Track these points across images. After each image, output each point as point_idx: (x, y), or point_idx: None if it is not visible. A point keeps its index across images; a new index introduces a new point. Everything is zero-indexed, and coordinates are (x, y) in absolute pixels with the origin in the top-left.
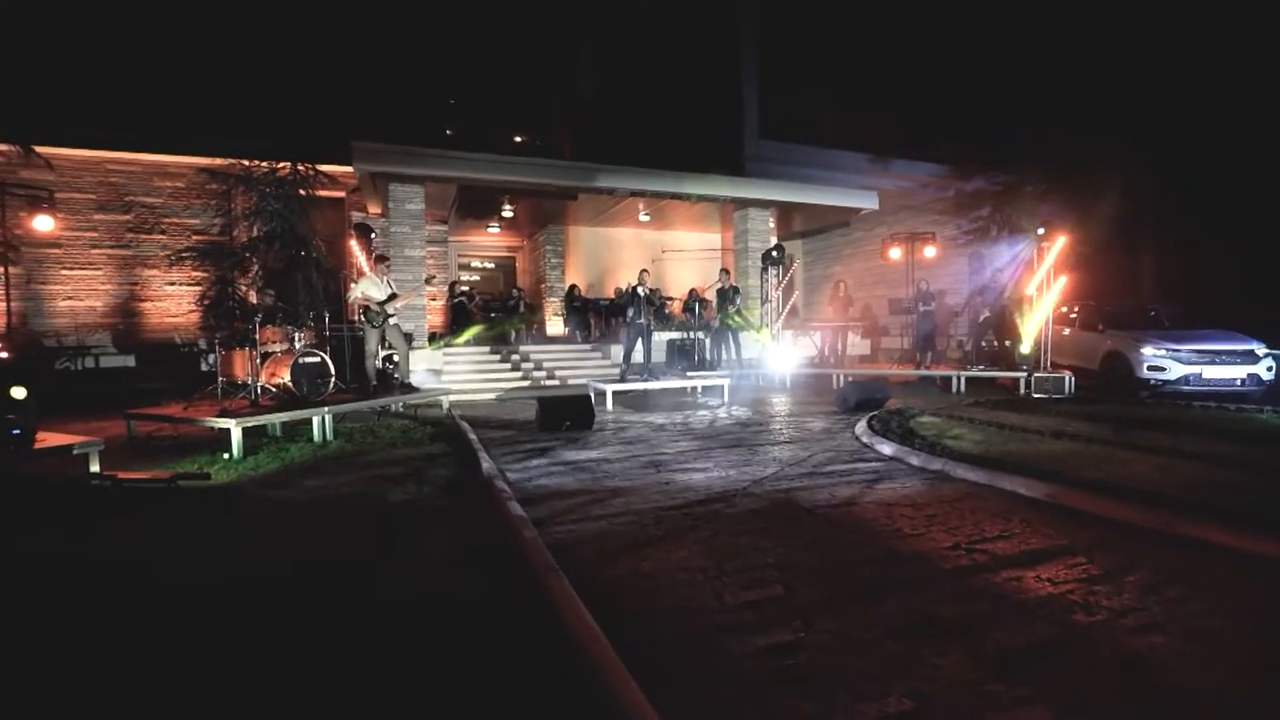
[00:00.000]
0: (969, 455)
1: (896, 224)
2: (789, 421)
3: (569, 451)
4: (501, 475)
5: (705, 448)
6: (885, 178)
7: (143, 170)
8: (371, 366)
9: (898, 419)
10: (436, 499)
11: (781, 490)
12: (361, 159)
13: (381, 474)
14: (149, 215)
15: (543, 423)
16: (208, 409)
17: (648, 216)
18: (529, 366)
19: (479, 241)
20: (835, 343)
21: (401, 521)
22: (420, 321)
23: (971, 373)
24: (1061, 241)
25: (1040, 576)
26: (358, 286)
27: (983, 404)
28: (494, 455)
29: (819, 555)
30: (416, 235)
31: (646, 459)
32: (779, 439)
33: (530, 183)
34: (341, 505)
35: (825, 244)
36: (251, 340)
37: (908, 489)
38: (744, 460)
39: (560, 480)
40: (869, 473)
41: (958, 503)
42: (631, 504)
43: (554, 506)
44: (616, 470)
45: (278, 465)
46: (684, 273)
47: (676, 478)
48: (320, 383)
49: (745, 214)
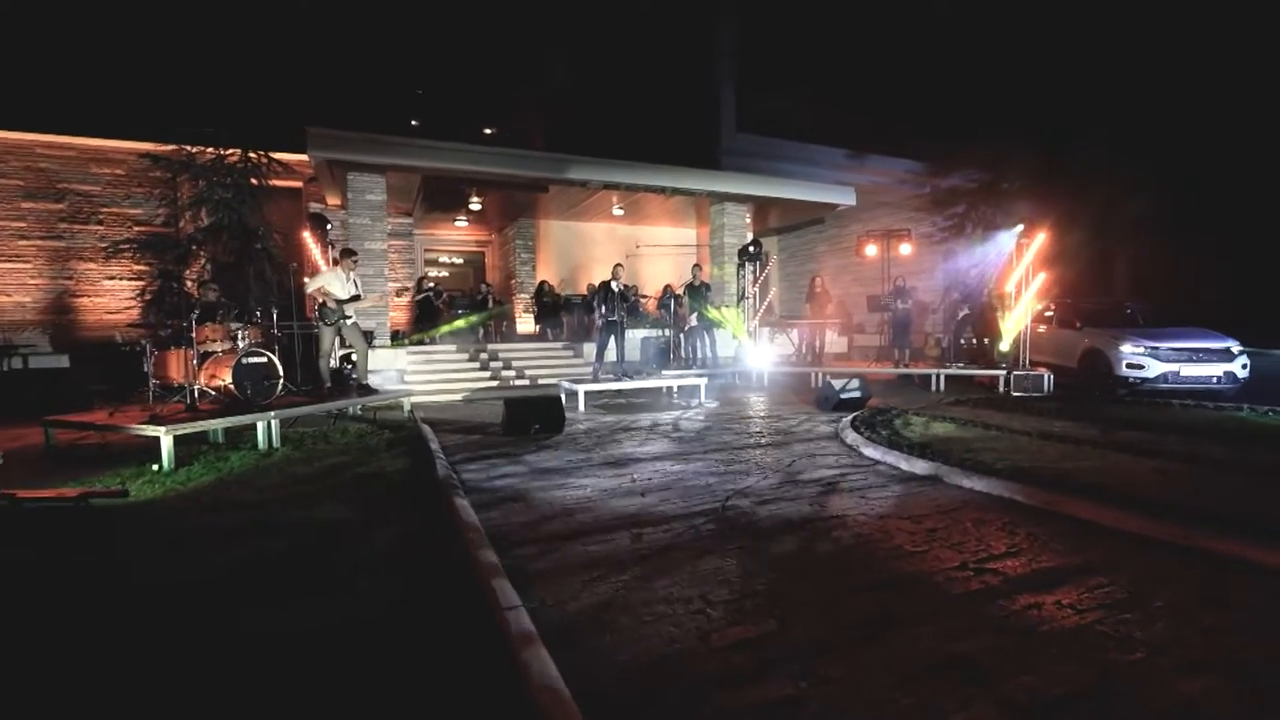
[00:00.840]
0: (962, 460)
1: (872, 221)
2: (769, 423)
3: (536, 458)
4: (461, 487)
5: (683, 453)
6: (862, 173)
7: (78, 155)
8: (325, 367)
9: (881, 420)
10: (388, 524)
11: (767, 501)
12: (317, 146)
13: (328, 488)
14: (85, 204)
15: (509, 426)
16: (137, 414)
17: (621, 211)
18: (498, 366)
19: (446, 235)
20: (813, 340)
21: (343, 554)
22: (383, 319)
23: (951, 371)
24: (1041, 238)
25: (1061, 603)
26: (319, 278)
27: (964, 403)
28: (455, 463)
29: (814, 581)
30: (378, 228)
31: (620, 466)
32: (760, 442)
33: (499, 174)
34: (273, 531)
35: (801, 241)
36: (188, 339)
37: (901, 497)
38: (725, 467)
39: (525, 492)
40: (858, 479)
41: (956, 513)
42: (604, 521)
43: (516, 523)
44: (588, 480)
45: (212, 477)
46: (660, 269)
47: (652, 487)
48: (267, 385)
49: (722, 209)
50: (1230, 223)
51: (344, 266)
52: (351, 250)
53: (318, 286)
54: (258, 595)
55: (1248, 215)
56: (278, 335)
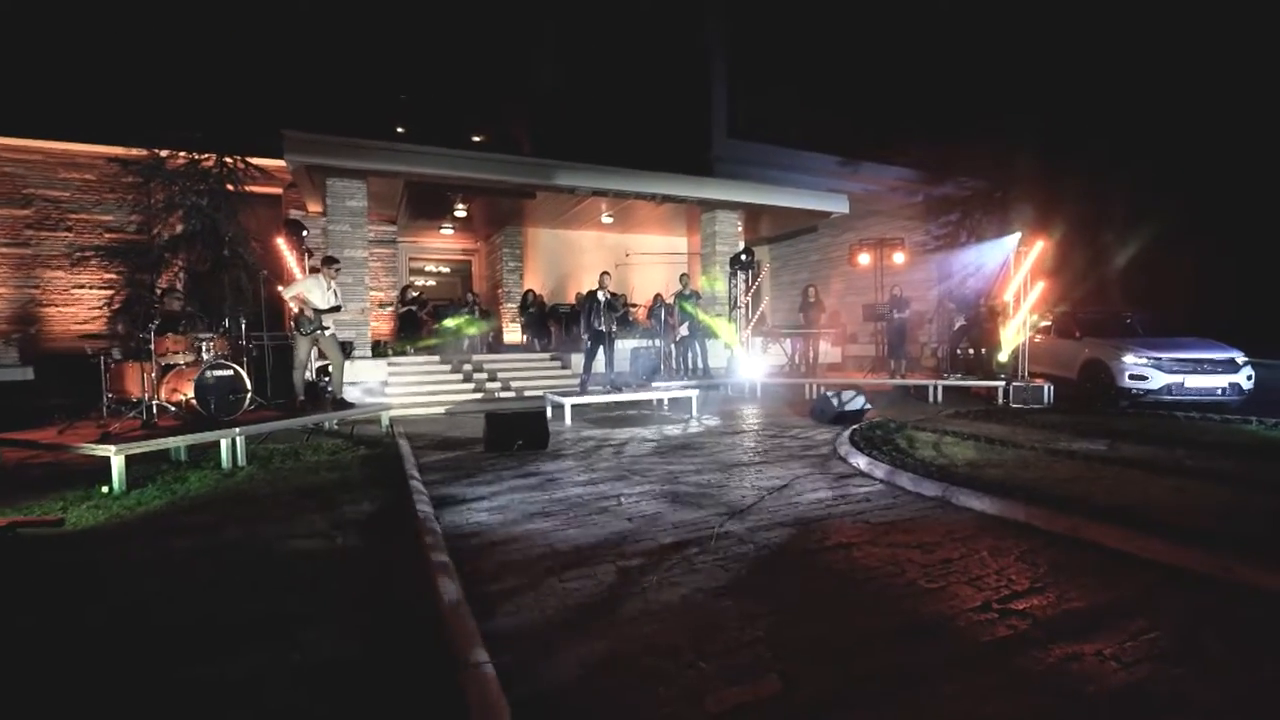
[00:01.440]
0: (971, 480)
1: (865, 229)
2: (764, 438)
3: (517, 478)
4: (435, 516)
5: (673, 472)
6: (855, 181)
7: (45, 160)
8: (300, 379)
9: (881, 434)
10: (348, 560)
11: (765, 527)
12: (294, 150)
13: (289, 514)
14: (53, 210)
15: (491, 442)
16: (91, 432)
17: (611, 218)
18: (482, 378)
19: (432, 244)
20: (806, 351)
21: (293, 596)
22: (364, 330)
23: (949, 382)
24: (1040, 246)
25: (1104, 653)
26: (298, 285)
27: (964, 415)
28: (430, 483)
29: (821, 625)
30: (358, 235)
31: (607, 486)
32: (755, 459)
33: (484, 180)
34: (217, 566)
35: (793, 250)
36: (146, 351)
37: (910, 521)
38: (718, 487)
39: (503, 517)
40: (861, 500)
41: (971, 540)
42: (586, 551)
43: (489, 555)
44: (571, 502)
45: (165, 501)
46: (651, 278)
47: (641, 511)
48: (233, 399)
49: (713, 216)
50: (1233, 230)
51: (324, 275)
52: (333, 258)
53: (296, 293)
54: (173, 648)
55: (1251, 222)
56: (248, 346)
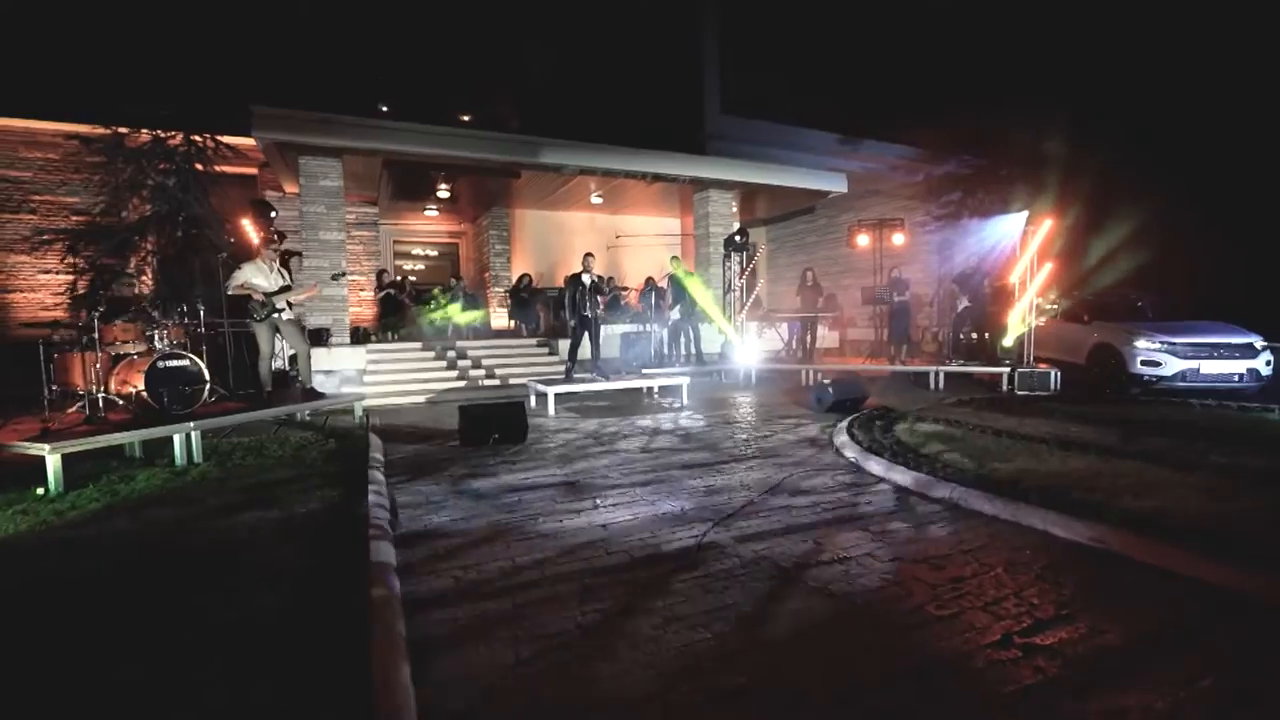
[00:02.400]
0: (981, 479)
1: (864, 210)
2: (757, 429)
3: (487, 476)
4: (390, 521)
5: (657, 469)
6: (854, 159)
7: (3, 138)
8: (266, 369)
9: (881, 425)
10: (284, 578)
11: (752, 536)
12: (264, 126)
13: (235, 520)
14: (14, 191)
15: (466, 435)
16: (32, 427)
17: (600, 199)
18: (466, 364)
19: (417, 227)
20: (803, 335)
21: (209, 622)
22: (341, 315)
23: (951, 368)
24: (1048, 225)
25: (1154, 709)
26: (238, 274)
27: (968, 404)
28: (395, 483)
29: (816, 666)
30: (333, 216)
31: (584, 486)
32: (746, 453)
33: (467, 158)
34: (132, 586)
35: (789, 231)
36: (90, 341)
37: (914, 530)
38: (704, 486)
39: (465, 522)
40: (861, 503)
41: (984, 553)
42: (551, 566)
43: (441, 573)
44: (543, 506)
45: (102, 505)
46: (643, 261)
47: (618, 516)
48: (189, 391)
49: (706, 196)
50: (1246, 212)
51: (263, 257)
52: (280, 234)
53: (240, 284)
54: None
55: (1266, 203)
56: (211, 334)
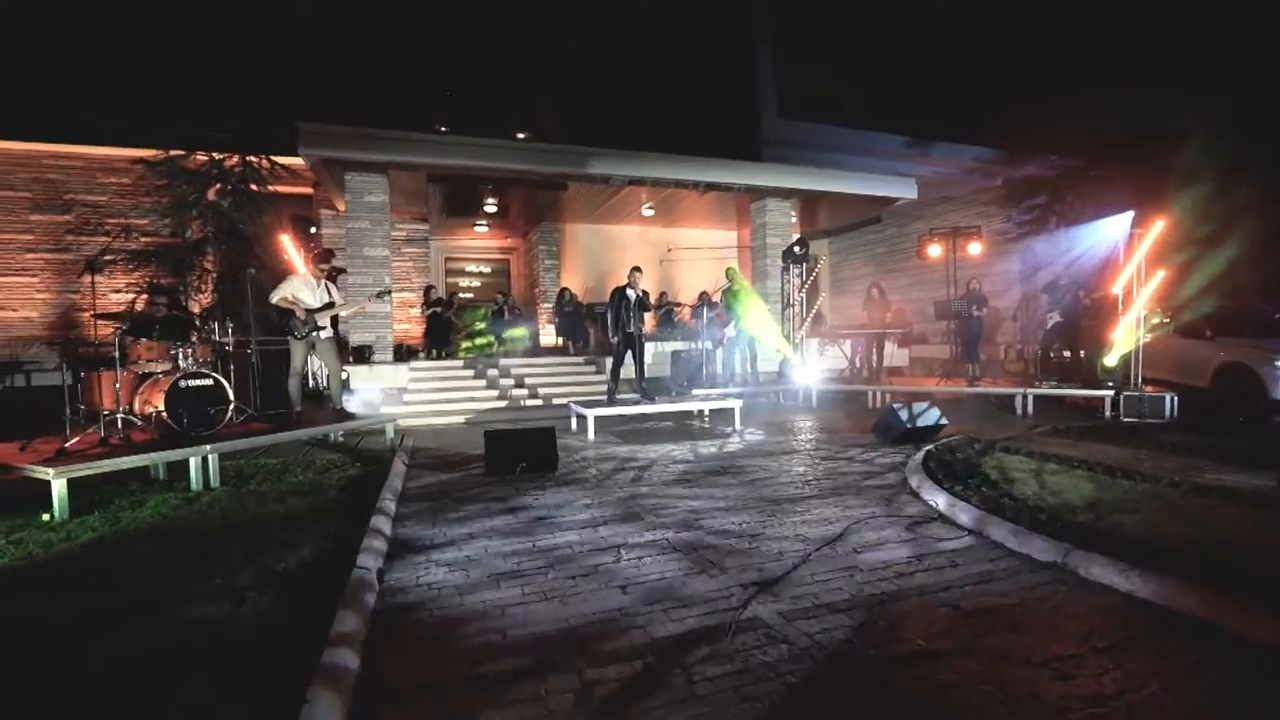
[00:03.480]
0: (1104, 537)
1: (935, 218)
2: (815, 461)
3: (505, 514)
4: (376, 584)
5: (697, 511)
6: (925, 163)
7: (84, 165)
8: (297, 388)
9: (963, 459)
10: (250, 638)
11: (807, 611)
12: (309, 143)
13: (216, 561)
14: (92, 215)
15: (491, 464)
16: (51, 448)
17: (652, 210)
18: (508, 384)
19: (468, 243)
20: (869, 353)
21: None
22: (385, 332)
23: (1041, 390)
24: (1159, 227)
25: None
26: (284, 285)
27: (1065, 433)
28: (402, 518)
29: None
30: (378, 232)
31: (609, 531)
32: (803, 492)
33: (511, 170)
34: (85, 640)
35: (854, 242)
36: (102, 359)
37: (1019, 608)
38: (752, 535)
39: (464, 577)
40: (945, 564)
41: (1127, 656)
42: (550, 644)
43: (417, 651)
44: (558, 556)
45: (94, 536)
46: (698, 275)
47: (643, 573)
48: (213, 412)
49: (763, 205)
50: None
51: (312, 272)
52: (330, 252)
53: (283, 295)
54: None
55: None
56: (241, 352)
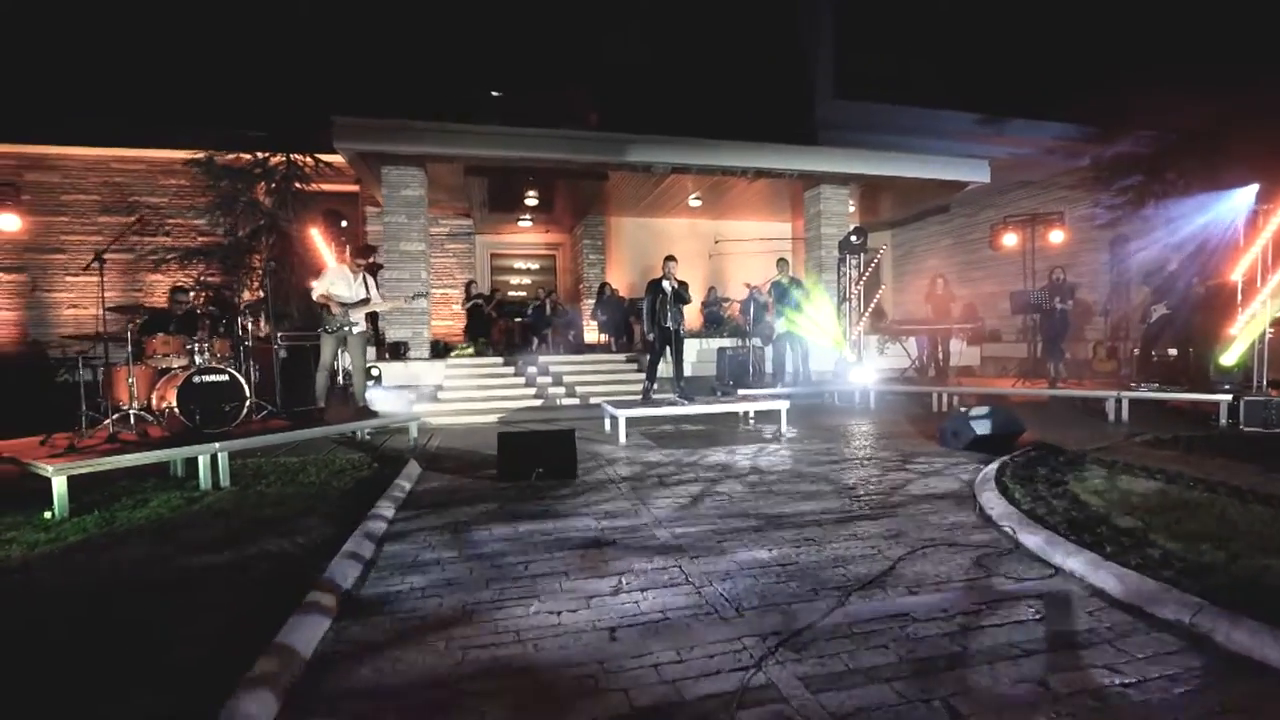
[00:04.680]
0: (1255, 593)
1: (1009, 205)
2: (869, 473)
3: (510, 522)
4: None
5: (721, 532)
6: (999, 143)
7: (146, 168)
8: (323, 383)
9: (1046, 474)
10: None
11: (837, 678)
12: (345, 137)
13: (199, 571)
14: (153, 216)
15: (504, 470)
16: (66, 443)
17: (699, 201)
18: (546, 381)
19: (513, 239)
20: (934, 351)
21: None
22: (421, 328)
23: (1140, 394)
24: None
25: None
26: (324, 279)
27: (1171, 443)
28: (390, 536)
29: None
30: (415, 226)
31: (614, 552)
32: (851, 509)
33: (549, 160)
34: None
35: (921, 233)
36: (134, 353)
37: (1138, 691)
38: (781, 565)
39: (437, 602)
40: (1026, 616)
41: None
42: (513, 713)
43: (349, 702)
44: (548, 583)
45: (81, 538)
46: (749, 269)
47: (641, 611)
48: (227, 409)
49: (818, 193)
50: None
51: (350, 266)
52: (371, 248)
53: (323, 291)
54: None
55: None
56: (271, 347)
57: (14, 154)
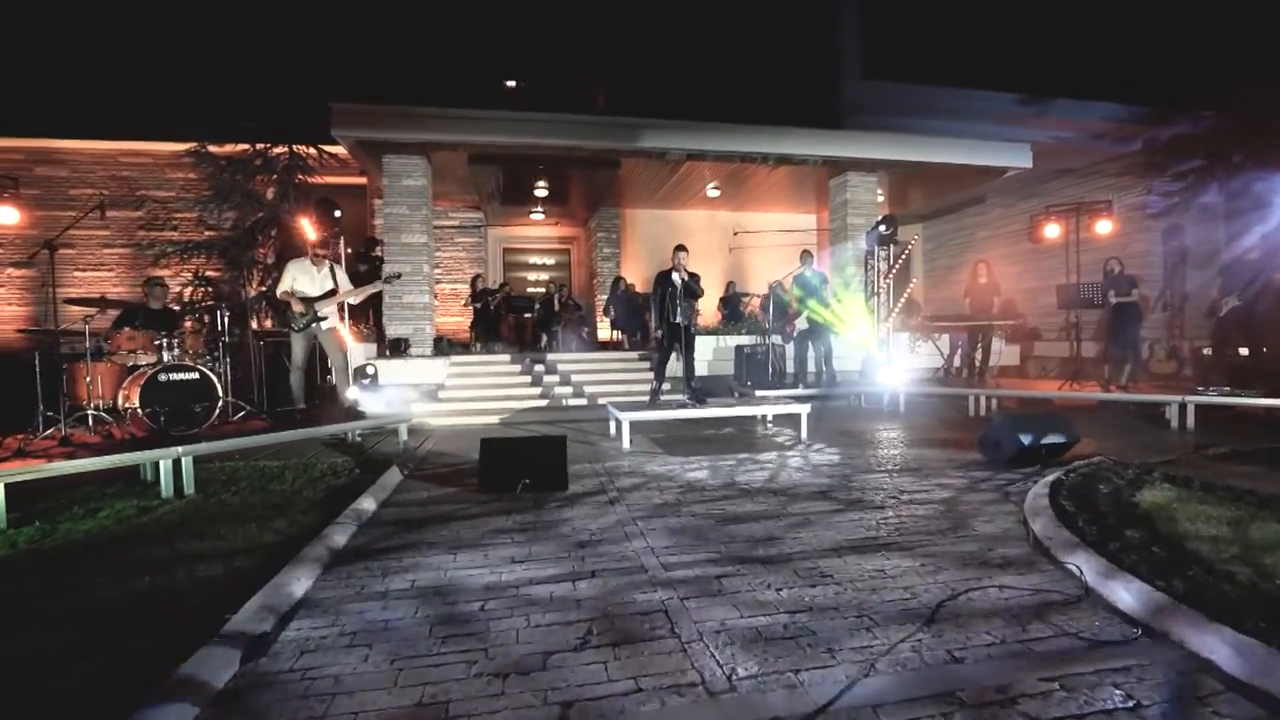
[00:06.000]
0: None
1: (1050, 194)
2: (898, 487)
3: (470, 552)
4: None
5: (719, 559)
6: (1041, 126)
7: (154, 162)
8: (299, 383)
9: (1111, 494)
10: None
11: None
12: (343, 124)
13: (66, 619)
14: (160, 210)
15: (487, 479)
16: (14, 445)
17: (718, 191)
18: (553, 381)
19: (526, 232)
20: (971, 349)
21: None
22: (424, 324)
23: (1209, 398)
24: None
25: None
26: (285, 276)
27: (1250, 457)
28: (331, 565)
29: None
30: (416, 217)
31: (595, 589)
32: (875, 536)
33: (556, 146)
34: None
35: (954, 226)
36: (98, 350)
37: None
38: (791, 612)
39: (351, 666)
40: (1111, 700)
41: None
42: None
43: None
44: (513, 622)
45: (9, 553)
46: (772, 263)
47: (614, 678)
48: (197, 409)
49: (844, 181)
50: None
51: (311, 258)
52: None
53: (286, 288)
54: None
55: None
56: (261, 345)
57: (22, 148)
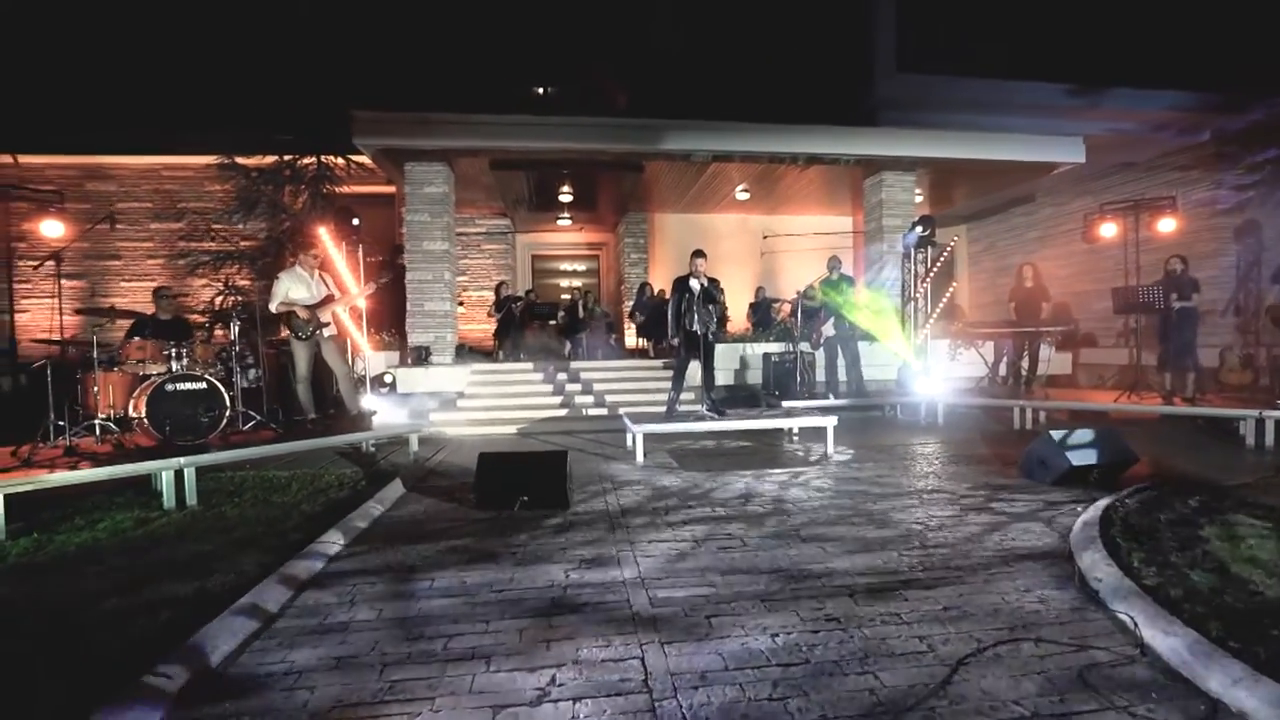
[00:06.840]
0: None
1: (1105, 191)
2: (929, 516)
3: (460, 573)
4: None
5: (716, 599)
6: (1095, 118)
7: (195, 175)
8: (306, 394)
9: (1178, 529)
10: None
11: None
12: (364, 132)
13: (58, 627)
14: (200, 222)
15: (483, 496)
16: (24, 453)
17: (747, 194)
18: (575, 389)
19: (555, 239)
20: (1017, 357)
21: None
22: (445, 332)
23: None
24: None
25: None
26: (278, 288)
27: None
28: (329, 576)
29: None
30: (438, 225)
31: (572, 638)
32: (895, 571)
33: (579, 150)
34: None
35: (999, 228)
36: (109, 360)
37: None
38: (785, 665)
39: (327, 695)
40: None
41: None
42: None
43: None
44: (473, 674)
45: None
46: (803, 267)
47: None
48: (205, 419)
49: (879, 180)
50: None
51: (304, 265)
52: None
53: (283, 300)
54: None
55: None
56: (273, 354)
57: (76, 165)
